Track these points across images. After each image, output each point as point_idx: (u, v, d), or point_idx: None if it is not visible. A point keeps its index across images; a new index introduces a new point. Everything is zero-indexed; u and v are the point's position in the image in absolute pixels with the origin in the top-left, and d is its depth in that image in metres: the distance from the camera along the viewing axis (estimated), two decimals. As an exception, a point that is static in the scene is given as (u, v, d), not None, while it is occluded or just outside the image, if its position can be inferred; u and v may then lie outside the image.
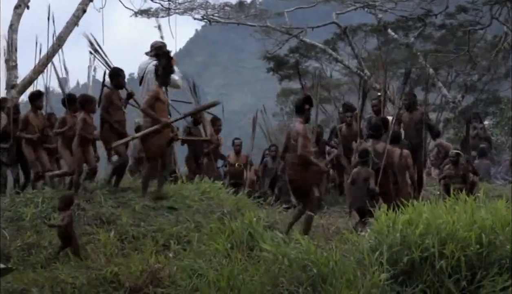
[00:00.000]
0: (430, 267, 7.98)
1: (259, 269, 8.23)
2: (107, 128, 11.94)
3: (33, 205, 10.84)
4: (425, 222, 8.32)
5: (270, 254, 8.40)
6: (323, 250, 8.44)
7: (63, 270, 8.95)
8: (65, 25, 17.65)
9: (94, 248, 9.58)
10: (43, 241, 9.80)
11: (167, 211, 11.09)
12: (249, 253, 8.88)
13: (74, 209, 10.64)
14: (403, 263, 8.08)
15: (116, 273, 8.74)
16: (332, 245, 9.04)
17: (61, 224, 9.46)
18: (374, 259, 8.09)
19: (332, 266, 7.96)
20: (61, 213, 9.67)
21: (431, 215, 8.47)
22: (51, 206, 10.82)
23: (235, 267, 8.32)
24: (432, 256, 8.00)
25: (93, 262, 9.17)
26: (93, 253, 9.41)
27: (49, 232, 10.02)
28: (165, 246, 9.77)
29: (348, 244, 9.12)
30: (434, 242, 8.05)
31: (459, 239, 8.09)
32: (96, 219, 10.51)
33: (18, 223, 10.35)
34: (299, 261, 8.14)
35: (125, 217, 10.51)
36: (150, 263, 8.90)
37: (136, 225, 10.38)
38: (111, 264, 8.96)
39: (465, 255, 7.98)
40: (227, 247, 8.94)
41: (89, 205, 10.88)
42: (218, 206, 11.56)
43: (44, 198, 11.09)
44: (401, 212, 8.79)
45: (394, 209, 8.86)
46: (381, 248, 8.23)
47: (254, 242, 9.06)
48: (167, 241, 9.88)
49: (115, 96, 12.04)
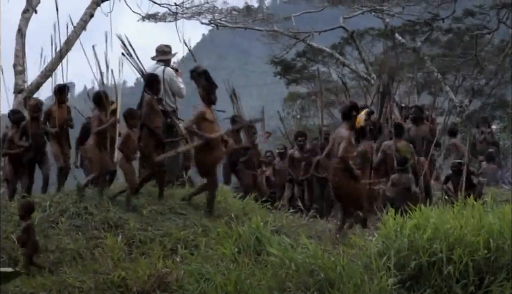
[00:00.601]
0: (438, 272, 7.97)
1: (266, 274, 8.24)
2: (146, 134, 11.76)
3: (41, 209, 10.84)
4: (433, 227, 8.30)
5: (277, 258, 8.41)
6: (330, 255, 8.43)
7: (71, 274, 8.97)
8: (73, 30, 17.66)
9: (101, 252, 9.58)
10: (50, 245, 9.82)
11: (175, 215, 11.09)
12: (256, 257, 8.87)
13: (82, 213, 10.69)
14: (410, 268, 8.06)
15: (124, 278, 8.76)
16: (340, 249, 9.02)
17: (22, 235, 9.45)
18: (381, 263, 8.08)
19: (339, 270, 7.95)
20: (22, 221, 9.65)
21: (439, 220, 8.45)
22: (58, 210, 10.82)
23: (242, 272, 8.33)
24: (440, 261, 7.99)
25: (101, 266, 9.18)
26: (100, 257, 9.41)
27: (56, 236, 10.04)
28: (172, 251, 9.78)
29: (356, 248, 9.11)
30: (442, 246, 8.04)
31: (467, 244, 8.08)
32: (103, 223, 10.50)
33: (26, 227, 10.34)
34: (306, 265, 8.13)
35: (132, 221, 10.51)
36: (157, 267, 8.92)
37: (143, 229, 10.38)
38: (118, 269, 8.98)
39: (473, 260, 7.97)
40: (234, 252, 8.94)
41: (96, 209, 10.88)
42: (225, 210, 11.56)
43: (52, 202, 11.10)
44: (408, 216, 8.78)
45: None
46: (388, 252, 8.21)
47: (261, 247, 9.05)
48: (174, 246, 9.89)
49: (155, 102, 11.98)
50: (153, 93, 12.03)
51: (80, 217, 10.63)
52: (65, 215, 10.66)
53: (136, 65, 12.93)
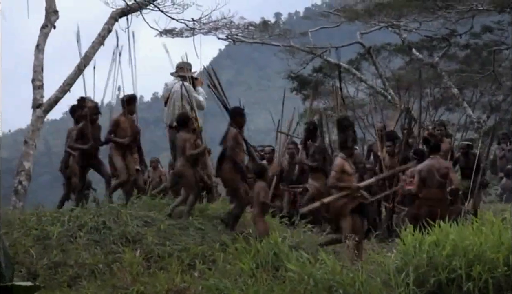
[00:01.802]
0: (457, 289, 7.94)
1: (285, 290, 8.23)
2: (230, 167, 11.62)
3: (60, 223, 10.88)
4: (452, 243, 8.27)
5: (295, 274, 8.40)
6: (349, 271, 8.42)
7: (89, 288, 9.01)
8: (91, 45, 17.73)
9: (120, 267, 9.60)
10: (69, 260, 9.85)
11: (193, 230, 11.11)
12: (275, 273, 8.88)
13: (100, 227, 10.72)
14: (430, 285, 8.03)
15: (142, 292, 8.79)
16: (358, 265, 9.00)
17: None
18: (400, 280, 8.05)
19: (358, 286, 7.94)
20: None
21: (458, 236, 8.42)
22: (77, 224, 10.86)
23: (261, 287, 8.33)
24: (459, 278, 7.95)
25: (119, 281, 9.21)
26: (119, 272, 9.44)
27: (75, 251, 10.07)
28: (190, 266, 9.79)
29: (374, 264, 9.08)
30: (461, 263, 8.01)
31: (487, 261, 8.04)
32: (122, 237, 10.54)
33: (44, 242, 10.39)
34: (324, 281, 8.12)
35: (150, 236, 10.54)
36: (175, 282, 8.93)
37: (161, 244, 10.40)
38: (137, 283, 9.00)
39: (492, 276, 7.93)
40: (253, 267, 8.94)
41: (114, 223, 10.91)
42: (244, 225, 11.56)
43: (71, 217, 11.13)
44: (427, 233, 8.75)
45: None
46: (407, 269, 8.19)
47: (280, 262, 9.05)
48: (192, 261, 9.91)
49: (239, 136, 11.85)
50: (238, 127, 11.91)
51: (99, 231, 10.66)
52: (83, 229, 10.69)
53: (220, 97, 13.05)
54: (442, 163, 12.87)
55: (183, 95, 12.89)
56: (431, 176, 12.62)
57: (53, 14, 17.38)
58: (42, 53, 17.26)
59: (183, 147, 11.90)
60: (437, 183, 12.59)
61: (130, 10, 17.96)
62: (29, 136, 16.33)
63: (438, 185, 12.60)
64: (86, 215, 11.15)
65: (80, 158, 13.44)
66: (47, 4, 17.45)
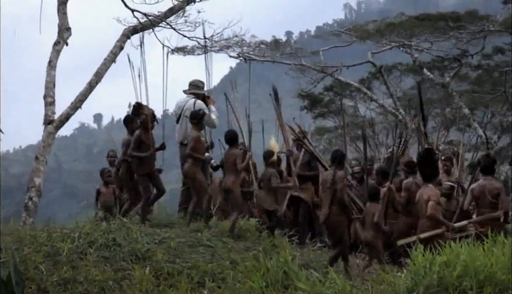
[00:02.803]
0: (468, 309, 7.89)
1: (295, 308, 8.21)
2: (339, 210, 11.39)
3: (70, 240, 10.89)
4: (463, 264, 8.22)
5: (305, 293, 8.37)
6: (359, 290, 8.39)
7: (99, 305, 9.00)
8: (103, 62, 17.80)
9: (129, 284, 9.60)
10: (79, 277, 9.82)
11: (202, 248, 11.11)
12: (284, 291, 8.86)
13: (110, 244, 10.73)
14: (440, 305, 7.99)
15: (152, 310, 8.77)
16: (368, 285, 8.97)
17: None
18: (410, 300, 8.02)
19: (368, 306, 7.91)
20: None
21: (469, 257, 8.37)
22: (87, 241, 10.86)
23: (271, 306, 8.31)
24: (470, 299, 7.91)
25: (129, 298, 9.20)
26: (128, 289, 9.44)
27: (85, 268, 10.07)
28: (200, 283, 9.77)
29: (384, 284, 9.04)
30: (471, 284, 7.96)
31: (497, 282, 7.99)
32: (131, 254, 10.53)
33: (55, 258, 10.39)
34: (334, 301, 8.10)
35: (160, 253, 10.53)
36: (185, 300, 8.92)
37: (171, 261, 10.40)
38: (146, 301, 9.00)
39: (503, 298, 7.89)
40: (262, 285, 8.92)
41: (124, 240, 10.92)
42: (254, 243, 11.56)
43: (81, 233, 11.14)
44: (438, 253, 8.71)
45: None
46: (417, 289, 8.14)
47: (289, 281, 9.02)
48: (202, 278, 9.89)
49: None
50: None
51: (109, 248, 10.66)
52: (93, 246, 10.68)
53: (308, 149, 13.85)
54: (494, 184, 12.81)
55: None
56: (483, 196, 12.63)
57: (65, 31, 17.46)
58: (54, 70, 17.31)
59: (233, 162, 11.97)
60: (488, 203, 12.59)
61: (142, 28, 18.02)
62: (40, 152, 16.35)
63: (490, 205, 12.60)
64: (97, 231, 11.15)
65: (139, 166, 13.05)
66: (60, 21, 17.55)
